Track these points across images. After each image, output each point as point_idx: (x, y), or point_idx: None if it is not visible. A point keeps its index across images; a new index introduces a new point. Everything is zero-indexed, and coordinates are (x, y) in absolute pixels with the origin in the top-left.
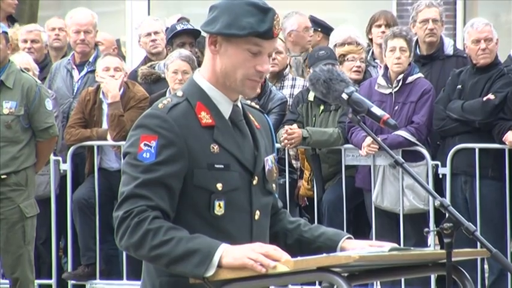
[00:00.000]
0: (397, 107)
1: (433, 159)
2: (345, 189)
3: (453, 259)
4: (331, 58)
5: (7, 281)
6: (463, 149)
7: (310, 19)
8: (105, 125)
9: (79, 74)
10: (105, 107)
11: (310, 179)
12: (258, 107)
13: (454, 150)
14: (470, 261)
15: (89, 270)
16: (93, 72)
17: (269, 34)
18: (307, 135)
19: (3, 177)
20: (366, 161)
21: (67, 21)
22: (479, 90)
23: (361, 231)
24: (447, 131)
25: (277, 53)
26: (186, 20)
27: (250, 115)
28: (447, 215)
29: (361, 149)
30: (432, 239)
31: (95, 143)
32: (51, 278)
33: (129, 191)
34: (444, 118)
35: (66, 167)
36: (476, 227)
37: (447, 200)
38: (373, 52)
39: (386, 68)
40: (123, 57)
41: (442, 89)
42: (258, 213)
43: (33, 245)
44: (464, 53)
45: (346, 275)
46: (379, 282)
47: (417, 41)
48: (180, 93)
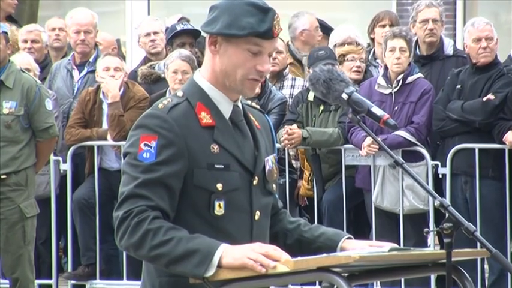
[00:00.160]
0: (397, 107)
1: (433, 159)
2: (344, 189)
3: (453, 259)
4: (330, 58)
5: (7, 281)
6: (463, 149)
7: None
8: (105, 125)
9: (79, 74)
10: (105, 107)
11: (310, 179)
12: (258, 107)
13: (454, 150)
14: (470, 261)
15: (89, 270)
16: (93, 72)
17: (269, 34)
18: (307, 136)
19: (3, 177)
20: (366, 161)
21: (67, 21)
22: (479, 90)
23: (361, 231)
24: (447, 132)
25: (278, 52)
26: (186, 20)
27: (250, 115)
28: (447, 215)
29: (361, 149)
30: (432, 239)
31: (95, 143)
32: (51, 278)
33: (129, 191)
34: (444, 118)
35: (66, 167)
36: (477, 227)
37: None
38: (374, 52)
39: (386, 68)
40: (123, 57)
41: (441, 89)
42: (258, 213)
43: (33, 245)
44: (464, 53)
45: (346, 275)
46: (379, 283)
47: (417, 41)
48: (180, 93)
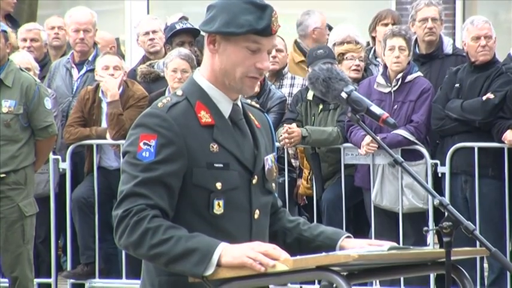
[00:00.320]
0: (396, 106)
1: (432, 158)
2: (344, 188)
3: (452, 258)
4: (329, 57)
5: (6, 280)
6: (462, 148)
7: None
8: (105, 124)
9: (78, 72)
10: (105, 105)
11: (309, 177)
12: (258, 106)
13: (453, 149)
14: (469, 260)
15: (88, 269)
16: (92, 71)
17: (267, 31)
18: (306, 134)
19: (2, 176)
20: (365, 160)
21: (66, 20)
22: (478, 88)
23: (360, 230)
24: (446, 131)
25: (278, 51)
26: (186, 18)
27: (250, 114)
28: (446, 214)
29: (360, 148)
30: (431, 237)
31: (94, 141)
32: (50, 276)
33: (128, 190)
34: (443, 118)
35: (66, 165)
36: (476, 226)
37: (446, 198)
38: (375, 51)
39: (386, 66)
40: (123, 56)
41: (439, 87)
42: (257, 212)
43: (33, 244)
44: (463, 52)
45: (345, 274)
46: (378, 281)
47: (416, 40)
48: (179, 92)
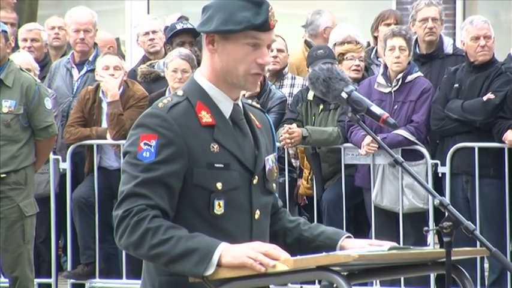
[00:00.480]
0: (397, 106)
1: (433, 158)
2: (344, 188)
3: (453, 258)
4: (329, 57)
5: (7, 280)
6: (463, 148)
7: None
8: (105, 124)
9: (79, 73)
10: (105, 105)
11: (309, 178)
12: (259, 106)
13: (453, 149)
14: (469, 260)
15: (89, 269)
16: (92, 71)
17: (265, 26)
18: (306, 134)
19: (2, 176)
20: (366, 160)
21: (67, 20)
22: (478, 88)
23: (360, 230)
24: (446, 131)
25: (279, 51)
26: (186, 18)
27: (251, 114)
28: (446, 214)
29: (360, 148)
30: (432, 238)
31: (95, 141)
32: (50, 276)
33: (128, 190)
34: (443, 118)
35: (66, 165)
36: (477, 226)
37: (447, 199)
38: (377, 50)
39: (386, 67)
40: (123, 56)
41: (438, 87)
42: (258, 212)
43: (33, 244)
44: (463, 52)
45: (345, 274)
46: (378, 281)
47: (417, 40)
48: (180, 93)
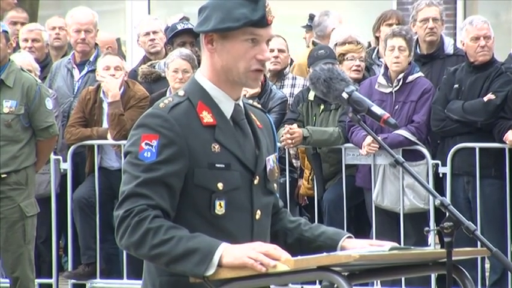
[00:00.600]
0: (398, 106)
1: (433, 158)
2: (345, 189)
3: (453, 258)
4: (330, 57)
5: (7, 280)
6: (463, 148)
7: (310, 17)
8: (106, 124)
9: (79, 73)
10: (106, 106)
11: (310, 178)
12: (260, 106)
13: (454, 149)
14: (470, 260)
15: (89, 269)
16: (93, 71)
17: (263, 22)
18: (307, 135)
19: (3, 176)
20: (366, 160)
21: (67, 20)
22: (478, 89)
23: (361, 230)
24: (447, 132)
25: (280, 51)
26: (187, 19)
27: (252, 114)
28: (447, 214)
29: (361, 148)
30: (432, 238)
31: (95, 142)
32: (51, 277)
33: (129, 190)
34: (443, 119)
35: (67, 166)
36: (478, 226)
37: (447, 199)
38: (378, 51)
39: (387, 67)
40: (124, 57)
41: (437, 87)
42: (258, 212)
43: (34, 244)
44: (464, 52)
45: (346, 274)
46: (379, 282)
47: (417, 40)
48: (181, 93)
